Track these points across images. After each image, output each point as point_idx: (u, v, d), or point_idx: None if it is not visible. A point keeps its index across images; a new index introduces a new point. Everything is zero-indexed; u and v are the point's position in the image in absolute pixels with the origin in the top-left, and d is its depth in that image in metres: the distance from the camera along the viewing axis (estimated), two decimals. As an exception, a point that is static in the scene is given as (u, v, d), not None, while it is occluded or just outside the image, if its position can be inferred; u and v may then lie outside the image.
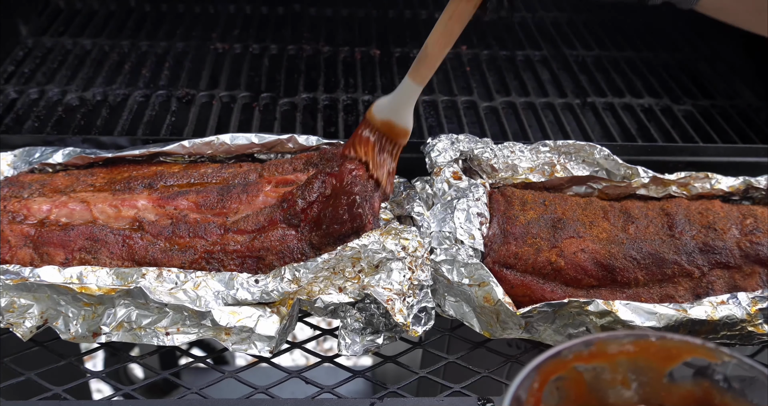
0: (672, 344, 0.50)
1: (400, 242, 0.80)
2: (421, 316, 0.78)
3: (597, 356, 0.50)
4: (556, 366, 0.49)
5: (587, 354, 0.50)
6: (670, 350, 0.50)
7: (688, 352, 0.50)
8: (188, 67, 1.31)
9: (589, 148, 0.96)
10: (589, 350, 0.50)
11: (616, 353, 0.50)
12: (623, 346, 0.50)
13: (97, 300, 0.77)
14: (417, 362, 1.12)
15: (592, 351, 0.50)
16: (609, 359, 0.50)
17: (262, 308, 0.77)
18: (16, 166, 0.97)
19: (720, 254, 0.85)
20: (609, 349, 0.50)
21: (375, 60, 1.36)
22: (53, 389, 0.77)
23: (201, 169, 0.95)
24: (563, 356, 0.49)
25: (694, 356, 0.49)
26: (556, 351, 0.49)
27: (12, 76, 1.26)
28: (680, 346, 0.50)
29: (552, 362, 0.48)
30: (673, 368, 0.50)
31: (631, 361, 0.50)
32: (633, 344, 0.50)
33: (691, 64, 1.41)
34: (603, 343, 0.50)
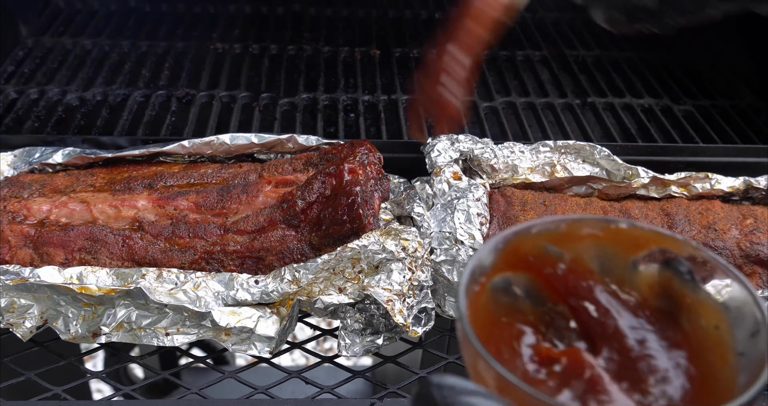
0: (641, 232, 0.50)
1: (400, 243, 0.79)
2: (421, 316, 0.78)
3: (566, 238, 0.50)
4: (525, 241, 0.49)
5: (557, 234, 0.49)
6: (638, 238, 0.50)
7: (655, 241, 0.49)
8: (188, 67, 1.31)
9: (589, 148, 0.96)
10: (559, 229, 0.49)
11: (585, 236, 0.50)
12: (593, 229, 0.50)
13: (97, 300, 0.77)
14: (417, 362, 1.12)
15: (562, 231, 0.49)
16: (577, 241, 0.50)
17: (262, 308, 0.77)
18: (16, 166, 0.97)
19: (720, 254, 0.85)
20: (579, 231, 0.50)
21: (375, 60, 1.36)
22: (53, 389, 0.77)
23: (201, 170, 0.95)
24: (534, 232, 0.49)
25: (660, 246, 0.49)
26: (528, 225, 0.49)
27: (12, 76, 1.26)
28: (648, 235, 0.50)
29: (522, 236, 0.49)
30: (639, 256, 0.50)
31: (598, 246, 0.50)
32: (603, 229, 0.50)
33: (691, 64, 1.41)
34: (574, 224, 0.50)
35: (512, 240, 0.49)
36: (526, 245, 0.49)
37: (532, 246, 0.50)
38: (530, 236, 0.49)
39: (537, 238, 0.49)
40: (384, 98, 1.23)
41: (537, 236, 0.49)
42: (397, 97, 1.24)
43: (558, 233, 0.50)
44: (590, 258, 0.50)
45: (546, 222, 0.49)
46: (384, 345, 0.78)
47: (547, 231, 0.49)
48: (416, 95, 0.93)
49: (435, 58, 0.90)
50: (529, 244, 0.49)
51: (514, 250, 0.49)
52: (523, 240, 0.49)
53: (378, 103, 1.22)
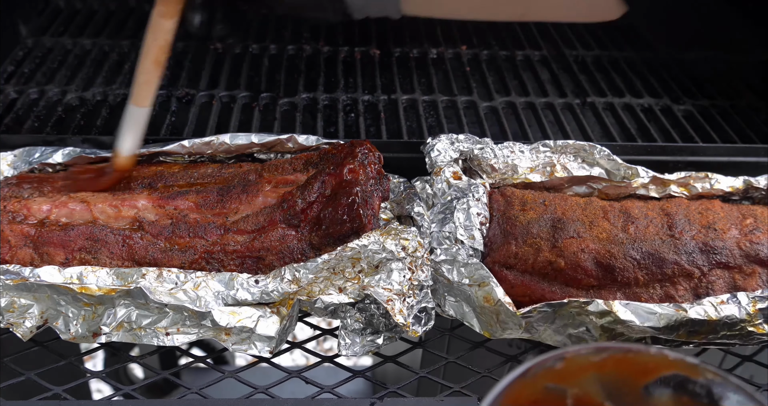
0: (648, 358, 0.47)
1: (400, 243, 0.79)
2: (421, 316, 0.78)
3: (566, 373, 0.47)
4: (525, 386, 0.46)
5: (555, 372, 0.47)
6: (647, 364, 0.47)
7: (666, 366, 0.47)
8: (188, 67, 1.31)
9: (589, 148, 0.96)
10: (557, 366, 0.46)
11: (587, 367, 0.47)
12: (595, 360, 0.47)
13: (97, 300, 0.77)
14: (417, 362, 1.12)
15: (560, 368, 0.47)
16: (579, 374, 0.47)
17: (262, 308, 0.77)
18: (16, 166, 0.97)
19: (720, 253, 0.85)
20: (578, 364, 0.47)
21: (375, 60, 1.36)
22: (53, 389, 0.77)
23: (201, 169, 0.95)
24: (531, 375, 0.46)
25: (672, 371, 0.46)
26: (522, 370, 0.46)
27: (12, 76, 1.26)
28: (657, 360, 0.47)
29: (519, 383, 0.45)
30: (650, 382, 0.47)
31: (603, 376, 0.47)
32: (606, 359, 0.47)
33: (691, 64, 1.41)
34: (572, 358, 0.47)
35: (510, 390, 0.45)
36: (526, 390, 0.46)
37: (533, 390, 0.46)
38: (527, 380, 0.46)
39: (535, 380, 0.46)
40: (384, 98, 1.23)
41: (535, 377, 0.46)
42: (397, 97, 1.24)
43: (556, 370, 0.47)
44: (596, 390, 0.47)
45: (541, 361, 0.46)
46: (384, 345, 0.78)
47: (545, 370, 0.46)
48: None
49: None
50: (529, 389, 0.46)
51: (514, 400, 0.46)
52: (521, 387, 0.46)
53: (378, 103, 1.22)
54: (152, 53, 0.82)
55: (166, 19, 0.80)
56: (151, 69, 0.84)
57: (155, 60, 0.83)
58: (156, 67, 0.84)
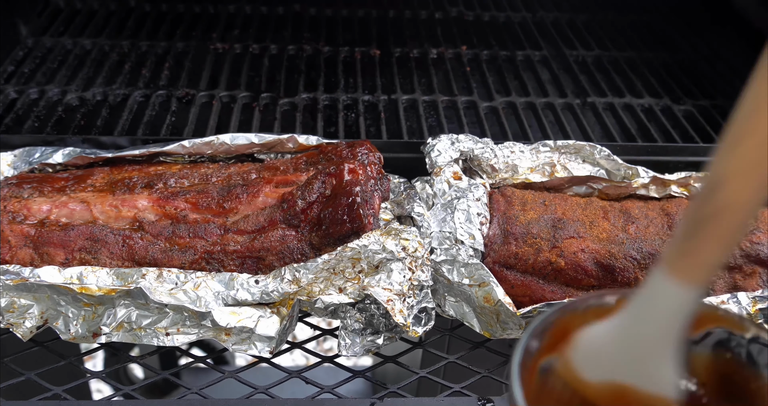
0: (698, 311, 0.45)
1: (400, 243, 0.79)
2: (422, 316, 0.78)
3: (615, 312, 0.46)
4: (573, 318, 0.46)
5: (606, 310, 0.46)
6: (696, 317, 0.44)
7: (713, 320, 0.46)
8: (188, 67, 1.31)
9: (589, 148, 0.96)
10: (608, 305, 0.46)
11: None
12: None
13: (97, 300, 0.77)
14: (417, 362, 1.12)
15: (611, 306, 0.46)
16: None
17: (263, 308, 0.77)
18: (16, 166, 0.97)
19: (720, 254, 0.85)
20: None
21: (375, 60, 1.36)
22: (53, 389, 0.77)
23: (201, 169, 0.95)
24: (582, 308, 0.46)
25: (718, 325, 0.45)
26: (574, 302, 0.46)
27: (12, 76, 1.26)
28: (706, 313, 0.46)
29: (570, 313, 0.45)
30: (695, 336, 0.46)
31: None
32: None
33: (691, 64, 1.41)
34: (623, 298, 0.46)
35: (560, 319, 0.46)
36: (575, 323, 0.46)
37: (582, 324, 0.46)
38: (578, 313, 0.46)
39: (585, 315, 0.46)
40: (384, 98, 1.23)
41: (585, 312, 0.46)
42: (397, 97, 1.24)
43: (607, 309, 0.46)
44: None
45: (594, 298, 0.47)
46: (384, 345, 0.78)
47: (596, 307, 0.46)
48: None
49: None
50: (579, 322, 0.46)
51: (562, 330, 0.46)
52: (571, 318, 0.46)
53: (378, 103, 1.22)
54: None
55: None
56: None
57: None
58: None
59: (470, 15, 1.56)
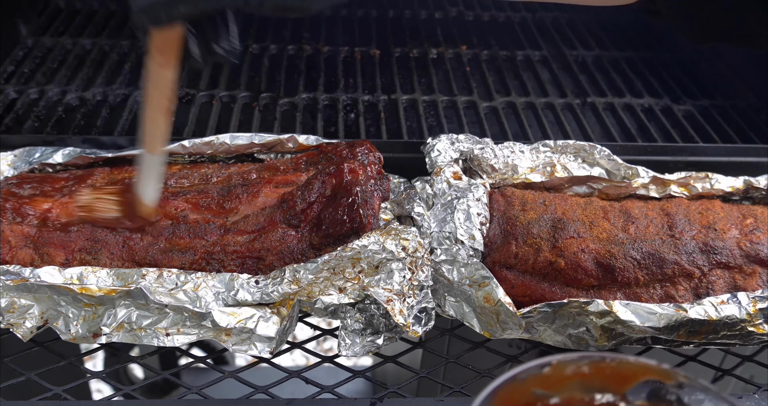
0: (628, 365, 0.50)
1: (400, 243, 0.79)
2: (421, 316, 0.78)
3: (553, 380, 0.50)
4: (514, 390, 0.49)
5: (543, 377, 0.49)
6: (626, 371, 0.50)
7: (643, 373, 0.49)
8: (188, 67, 1.31)
9: (589, 148, 0.96)
10: (545, 372, 0.49)
11: (572, 375, 0.50)
12: (579, 368, 0.50)
13: (98, 301, 0.77)
14: (417, 362, 1.12)
15: (548, 373, 0.49)
16: (565, 382, 0.50)
17: (263, 308, 0.77)
18: (16, 166, 0.97)
19: (720, 253, 0.85)
20: (564, 371, 0.50)
21: (375, 60, 1.36)
22: (53, 389, 0.77)
23: (201, 170, 0.95)
24: (519, 379, 0.49)
25: (648, 377, 0.49)
26: (513, 374, 0.48)
27: (12, 76, 1.26)
28: (635, 367, 0.50)
29: (509, 386, 0.48)
30: (630, 389, 0.50)
31: (586, 383, 0.50)
32: (589, 366, 0.50)
33: (691, 64, 1.41)
34: (559, 364, 0.49)
35: (501, 391, 0.48)
36: (516, 394, 0.49)
37: (522, 394, 0.49)
38: (517, 383, 0.49)
39: (524, 384, 0.49)
40: (384, 98, 1.23)
41: (524, 382, 0.49)
42: (397, 97, 1.24)
43: (544, 376, 0.49)
44: (581, 397, 0.50)
45: (530, 368, 0.49)
46: (384, 345, 0.78)
47: (533, 376, 0.49)
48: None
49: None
50: (519, 392, 0.49)
51: (505, 401, 0.48)
52: (511, 391, 0.49)
53: (378, 103, 1.22)
54: (157, 103, 0.79)
55: (165, 69, 0.77)
56: (159, 118, 0.81)
57: (162, 109, 0.80)
58: (164, 116, 0.81)
59: (470, 15, 1.56)
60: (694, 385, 0.48)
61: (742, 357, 0.85)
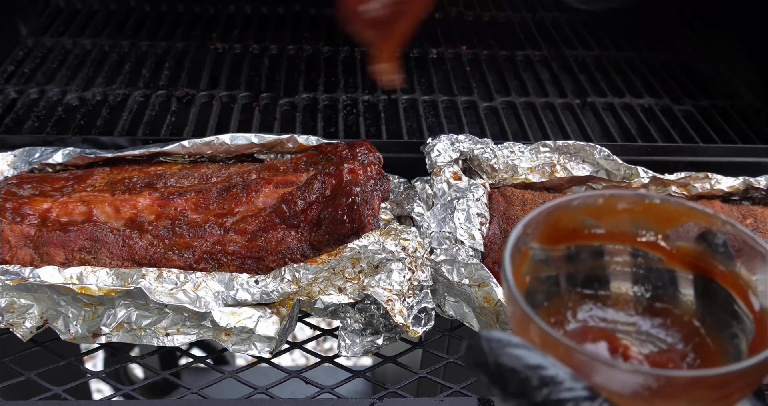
0: (672, 206, 0.52)
1: (400, 243, 0.80)
2: (421, 316, 0.78)
3: (603, 212, 0.52)
4: (565, 214, 0.52)
5: (595, 208, 0.52)
6: (671, 212, 0.52)
7: (687, 215, 0.52)
8: (188, 67, 1.31)
9: (589, 148, 0.96)
10: (597, 203, 0.52)
11: (621, 210, 0.52)
12: (628, 204, 0.52)
13: (97, 301, 0.77)
14: (417, 362, 1.12)
15: (599, 205, 0.52)
16: (614, 215, 0.52)
17: (262, 308, 0.77)
18: (16, 166, 0.97)
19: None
20: (615, 205, 0.52)
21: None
22: (53, 389, 0.77)
23: (201, 170, 0.95)
24: (572, 206, 0.51)
25: (693, 220, 0.51)
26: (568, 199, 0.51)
27: (12, 76, 1.26)
28: (680, 209, 0.52)
29: (562, 210, 0.51)
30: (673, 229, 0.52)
31: (633, 220, 0.53)
32: (637, 204, 0.52)
33: (691, 64, 1.41)
34: (611, 198, 0.52)
35: (553, 213, 0.51)
36: (566, 218, 0.52)
37: (572, 219, 0.52)
38: (570, 209, 0.52)
39: (576, 211, 0.52)
40: (384, 98, 1.23)
41: (576, 209, 0.52)
42: (397, 97, 1.24)
43: (596, 207, 0.52)
44: (628, 231, 0.53)
45: (585, 196, 0.52)
46: (384, 345, 0.78)
47: (586, 205, 0.52)
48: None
49: None
50: (569, 217, 0.52)
51: (554, 222, 0.51)
52: (563, 213, 0.52)
53: (378, 103, 1.22)
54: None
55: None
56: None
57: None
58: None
59: (470, 15, 1.56)
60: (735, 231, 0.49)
61: (742, 357, 0.85)
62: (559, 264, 0.53)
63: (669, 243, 0.53)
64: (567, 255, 0.53)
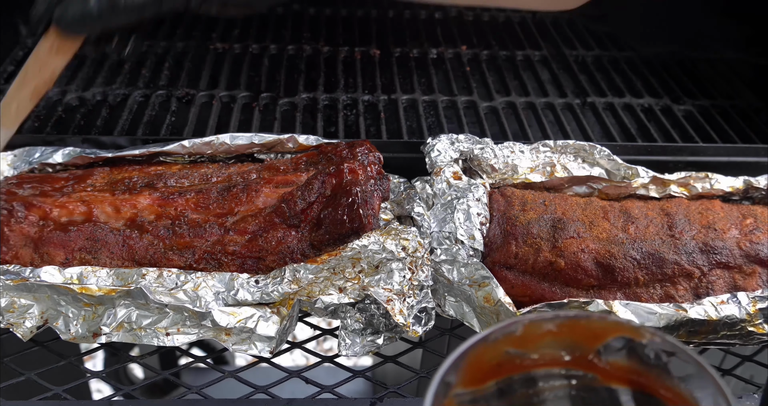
0: (597, 324, 0.50)
1: (400, 243, 0.80)
2: (422, 316, 0.78)
3: (525, 339, 0.50)
4: (484, 351, 0.49)
5: (515, 338, 0.49)
6: (595, 329, 0.50)
7: (613, 331, 0.50)
8: (188, 67, 1.31)
9: (589, 148, 0.96)
10: (517, 332, 0.49)
11: (544, 333, 0.50)
12: (550, 327, 0.50)
13: (98, 300, 0.77)
14: (417, 362, 1.12)
15: (520, 334, 0.49)
16: (537, 340, 0.50)
17: (263, 308, 0.77)
18: (16, 166, 0.97)
19: (720, 253, 0.85)
20: (536, 330, 0.50)
21: (375, 60, 1.36)
22: (53, 389, 0.77)
23: (201, 169, 0.95)
24: (490, 340, 0.48)
25: (619, 335, 0.49)
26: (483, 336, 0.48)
27: (12, 76, 1.26)
28: (605, 326, 0.50)
29: (479, 347, 0.48)
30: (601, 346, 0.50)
31: (559, 341, 0.50)
32: (560, 325, 0.50)
33: (691, 64, 1.41)
34: (531, 325, 0.49)
35: (471, 353, 0.48)
36: (487, 354, 0.49)
37: (494, 354, 0.49)
38: (489, 343, 0.49)
39: (496, 345, 0.49)
40: (384, 98, 1.23)
41: (495, 343, 0.49)
42: (397, 97, 1.24)
43: (516, 337, 0.49)
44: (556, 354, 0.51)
45: (500, 327, 0.49)
46: (384, 345, 0.78)
47: (504, 336, 0.49)
48: None
49: None
50: (490, 353, 0.49)
51: (475, 362, 0.48)
52: (482, 350, 0.48)
53: (378, 103, 1.22)
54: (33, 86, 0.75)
55: (58, 56, 0.74)
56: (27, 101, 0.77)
57: (35, 93, 0.76)
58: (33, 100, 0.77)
59: (470, 15, 1.56)
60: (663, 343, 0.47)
61: (742, 357, 0.85)
62: (491, 402, 0.50)
63: (601, 360, 0.50)
64: (497, 391, 0.50)
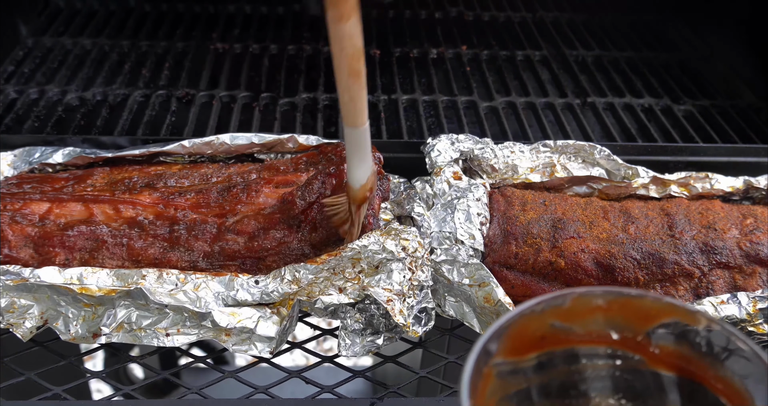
0: (650, 304, 0.47)
1: (400, 243, 0.79)
2: (422, 316, 0.78)
3: (573, 313, 0.47)
4: (529, 322, 0.46)
5: (563, 309, 0.47)
6: (649, 309, 0.47)
7: (667, 312, 0.47)
8: (188, 67, 1.31)
9: (589, 148, 0.96)
10: (565, 305, 0.47)
11: (593, 309, 0.47)
12: (600, 303, 0.47)
13: (98, 301, 0.77)
14: (417, 362, 1.12)
15: (567, 306, 0.47)
16: (585, 315, 0.47)
17: (263, 308, 0.77)
18: (16, 166, 0.97)
19: (720, 253, 0.85)
20: (586, 305, 0.47)
21: (375, 60, 1.36)
22: (53, 389, 0.77)
23: (201, 170, 0.95)
24: (536, 310, 0.46)
25: (673, 318, 0.46)
26: (529, 306, 0.46)
27: (12, 76, 1.26)
28: (659, 306, 0.47)
29: (525, 317, 0.46)
30: (651, 327, 0.47)
31: (608, 319, 0.48)
32: (609, 302, 0.47)
33: (691, 64, 1.41)
34: (580, 298, 0.47)
35: (516, 322, 0.46)
36: (532, 325, 0.47)
37: (539, 325, 0.47)
38: (535, 315, 0.46)
39: (542, 316, 0.47)
40: (384, 98, 1.23)
41: (542, 314, 0.47)
42: (397, 97, 1.24)
43: (564, 309, 0.47)
44: (602, 332, 0.48)
45: (549, 298, 0.46)
46: (384, 345, 0.78)
47: (552, 308, 0.47)
48: None
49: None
50: (535, 324, 0.47)
51: (519, 332, 0.46)
52: (528, 321, 0.46)
53: (378, 103, 1.22)
54: (344, 65, 0.68)
55: (343, 23, 0.67)
56: (351, 83, 0.69)
57: (351, 72, 0.68)
58: (355, 80, 0.69)
59: (470, 15, 1.56)
60: (719, 329, 0.44)
61: (742, 357, 0.85)
62: (530, 375, 0.48)
63: (650, 343, 0.47)
64: (537, 364, 0.47)
